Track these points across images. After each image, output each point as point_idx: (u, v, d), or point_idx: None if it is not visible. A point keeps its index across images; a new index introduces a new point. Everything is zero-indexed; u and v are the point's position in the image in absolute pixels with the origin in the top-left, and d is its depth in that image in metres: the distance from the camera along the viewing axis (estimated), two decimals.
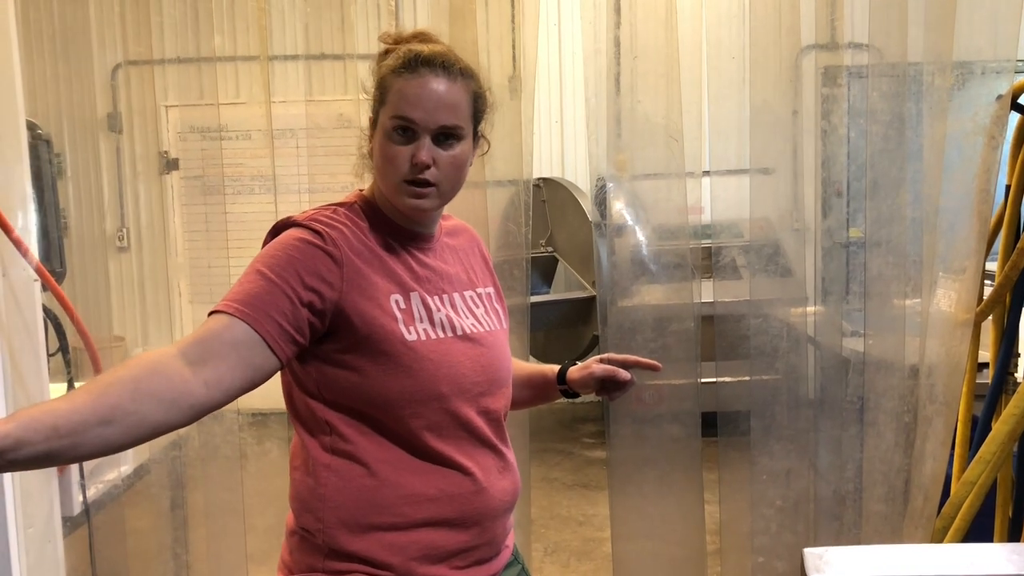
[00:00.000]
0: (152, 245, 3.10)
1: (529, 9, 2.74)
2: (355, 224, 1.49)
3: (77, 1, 2.89)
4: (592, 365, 1.73)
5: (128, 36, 2.93)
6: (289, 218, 1.50)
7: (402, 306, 1.48)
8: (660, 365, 1.73)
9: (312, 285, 1.41)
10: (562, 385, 1.77)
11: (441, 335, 1.50)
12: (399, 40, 1.56)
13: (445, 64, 1.48)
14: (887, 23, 2.53)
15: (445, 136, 1.48)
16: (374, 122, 1.52)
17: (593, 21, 2.75)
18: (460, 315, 1.55)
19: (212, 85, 2.90)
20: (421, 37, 1.55)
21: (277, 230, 1.49)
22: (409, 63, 1.48)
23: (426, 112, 1.46)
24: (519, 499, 1.63)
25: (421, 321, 1.49)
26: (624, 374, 1.70)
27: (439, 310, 1.52)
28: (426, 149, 1.46)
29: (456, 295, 1.58)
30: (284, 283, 1.39)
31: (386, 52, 1.54)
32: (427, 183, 1.47)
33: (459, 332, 1.53)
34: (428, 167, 1.46)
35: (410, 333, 1.46)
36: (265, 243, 1.49)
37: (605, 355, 1.75)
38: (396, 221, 1.54)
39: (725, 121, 2.82)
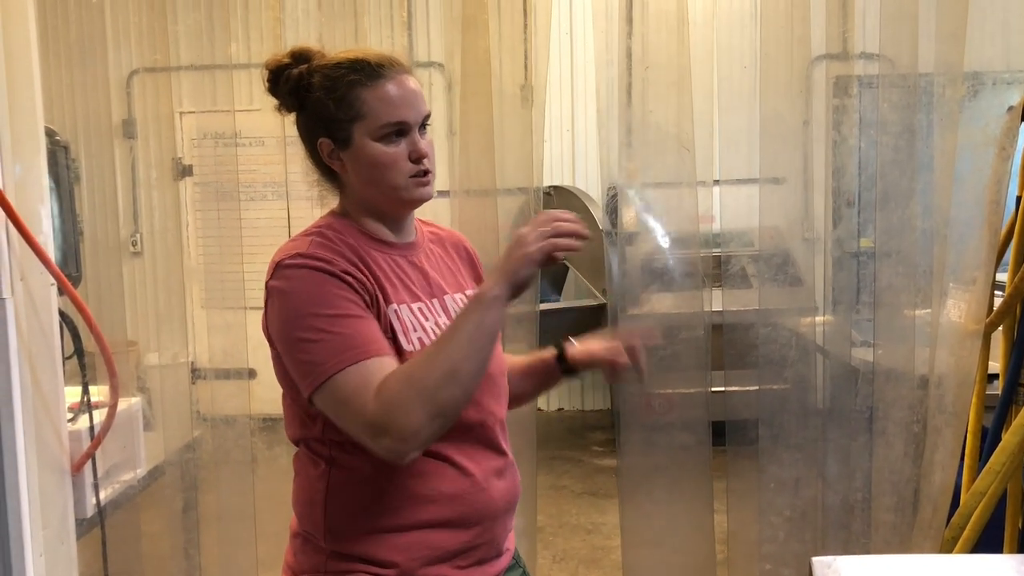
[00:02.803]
0: (166, 250, 3.11)
1: (541, 19, 2.76)
2: (346, 244, 1.51)
3: (94, 9, 2.91)
4: (594, 347, 1.76)
5: (144, 43, 2.95)
6: (289, 254, 1.48)
7: (401, 316, 1.51)
8: (645, 378, 1.76)
9: (356, 300, 1.46)
10: (564, 365, 1.79)
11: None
12: (285, 63, 1.56)
13: (394, 62, 1.54)
14: (898, 34, 2.54)
15: (423, 125, 1.55)
16: (344, 140, 1.53)
17: (605, 31, 2.77)
18: (452, 319, 1.57)
19: (227, 92, 2.93)
20: (307, 52, 1.56)
21: (279, 267, 1.48)
22: (371, 71, 1.51)
23: (412, 108, 1.52)
24: (526, 506, 1.64)
25: (415, 330, 1.51)
26: (623, 361, 1.73)
27: (429, 317, 1.54)
28: (420, 141, 1.53)
29: (447, 298, 1.61)
30: (350, 310, 1.44)
31: (299, 76, 1.53)
32: (427, 171, 1.54)
33: None
34: (427, 156, 1.53)
35: (408, 344, 1.49)
36: (270, 281, 1.49)
37: (617, 334, 1.79)
38: (376, 235, 1.56)
39: (736, 131, 2.83)
